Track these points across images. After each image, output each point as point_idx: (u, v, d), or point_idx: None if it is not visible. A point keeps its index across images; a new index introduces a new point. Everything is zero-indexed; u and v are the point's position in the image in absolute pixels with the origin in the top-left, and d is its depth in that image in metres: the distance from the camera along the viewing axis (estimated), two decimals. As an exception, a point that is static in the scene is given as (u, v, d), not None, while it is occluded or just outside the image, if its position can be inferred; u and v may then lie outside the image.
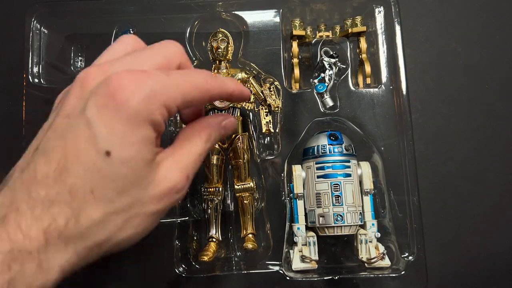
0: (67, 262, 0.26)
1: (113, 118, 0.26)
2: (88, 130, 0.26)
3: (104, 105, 0.26)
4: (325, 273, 0.45)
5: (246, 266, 0.46)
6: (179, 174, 0.30)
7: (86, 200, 0.26)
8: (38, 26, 0.50)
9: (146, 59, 0.30)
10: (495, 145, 0.53)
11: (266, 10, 0.51)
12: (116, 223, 0.27)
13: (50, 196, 0.25)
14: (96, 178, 0.26)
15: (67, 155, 0.26)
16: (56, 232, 0.25)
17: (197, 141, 0.32)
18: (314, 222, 0.44)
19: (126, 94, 0.26)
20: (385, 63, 0.50)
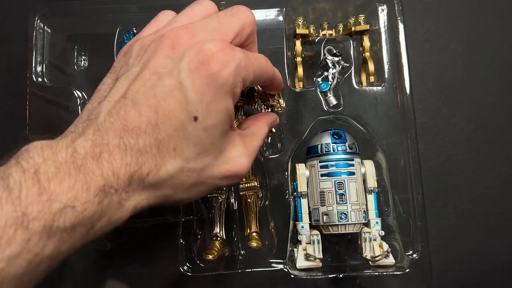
0: (139, 204, 0.29)
1: (204, 85, 0.28)
2: (180, 93, 0.28)
3: (198, 71, 0.28)
4: (329, 271, 0.45)
5: (250, 265, 0.47)
6: (247, 161, 0.33)
7: (169, 156, 0.29)
8: (41, 25, 0.50)
9: (228, 27, 0.33)
10: (495, 145, 0.53)
11: (269, 9, 0.51)
12: (185, 183, 0.30)
13: (140, 146, 0.28)
14: (181, 138, 0.29)
15: (158, 113, 0.28)
16: (139, 178, 0.28)
17: (259, 135, 0.36)
18: (318, 220, 0.44)
19: (220, 64, 0.29)
20: (388, 61, 0.50)
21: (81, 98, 0.50)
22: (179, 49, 0.30)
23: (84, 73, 0.51)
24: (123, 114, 0.28)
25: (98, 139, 0.27)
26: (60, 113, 0.50)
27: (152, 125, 0.28)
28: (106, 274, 0.47)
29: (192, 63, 0.29)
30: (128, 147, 0.28)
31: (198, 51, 0.29)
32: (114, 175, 0.27)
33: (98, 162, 0.26)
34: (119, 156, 0.27)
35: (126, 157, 0.27)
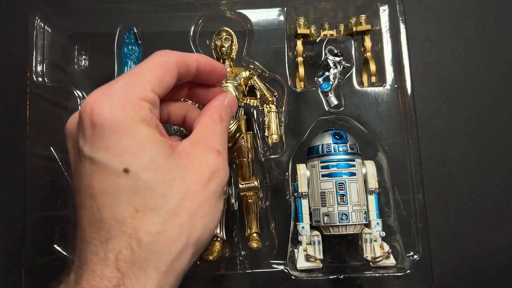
0: (156, 285, 0.25)
1: (106, 141, 0.26)
2: (96, 165, 0.26)
3: (92, 136, 0.26)
4: (329, 272, 0.45)
5: (250, 265, 0.46)
6: (214, 154, 0.30)
7: (136, 220, 0.26)
8: (42, 24, 0.50)
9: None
10: (495, 145, 0.53)
11: (270, 9, 0.51)
12: (181, 225, 0.27)
13: (104, 235, 0.25)
14: (131, 197, 0.26)
15: (95, 195, 0.26)
16: (127, 262, 0.25)
17: (211, 124, 0.32)
18: (319, 221, 0.44)
19: (99, 113, 0.26)
20: (389, 62, 0.49)
21: (81, 98, 0.50)
22: (72, 133, 0.30)
23: (85, 73, 0.51)
24: (79, 222, 0.28)
25: (76, 261, 0.27)
26: (60, 112, 0.50)
27: (97, 210, 0.26)
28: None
29: (84, 135, 0.27)
30: (97, 244, 0.26)
31: (81, 120, 0.27)
32: (101, 278, 0.25)
33: (81, 279, 0.25)
34: (95, 258, 0.25)
35: (99, 254, 0.25)
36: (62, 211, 0.48)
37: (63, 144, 0.48)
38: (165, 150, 0.27)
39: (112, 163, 0.26)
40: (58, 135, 0.49)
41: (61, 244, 0.47)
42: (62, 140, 0.49)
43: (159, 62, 0.30)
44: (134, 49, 0.50)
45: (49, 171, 0.48)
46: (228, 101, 0.35)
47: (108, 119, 0.26)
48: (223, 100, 0.35)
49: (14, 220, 0.50)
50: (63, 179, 0.48)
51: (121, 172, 0.26)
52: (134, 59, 0.50)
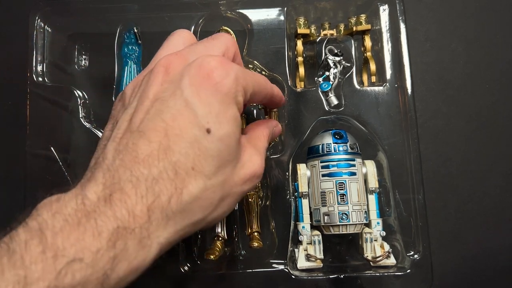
0: (166, 239, 0.27)
1: (210, 97, 0.29)
2: (188, 109, 0.28)
3: (201, 85, 0.29)
4: (330, 272, 0.45)
5: (251, 265, 0.46)
6: (260, 159, 0.33)
7: (189, 176, 0.27)
8: (42, 24, 0.50)
9: (214, 48, 0.33)
10: (495, 145, 0.53)
11: (270, 9, 0.51)
12: (212, 201, 0.29)
13: (154, 174, 0.26)
14: (197, 154, 0.28)
15: (169, 134, 0.27)
16: (159, 209, 0.26)
17: (263, 138, 0.36)
18: (319, 220, 0.44)
19: (220, 74, 0.29)
20: (389, 61, 0.50)
21: (82, 98, 0.50)
22: (175, 72, 0.30)
23: (85, 73, 0.51)
24: (131, 147, 0.27)
25: (108, 180, 0.26)
26: (60, 112, 0.50)
27: (164, 149, 0.27)
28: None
29: (194, 79, 0.29)
30: (141, 178, 0.26)
31: (198, 67, 0.29)
32: (129, 213, 0.25)
33: (110, 204, 0.25)
34: (132, 191, 0.26)
35: (139, 189, 0.26)
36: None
37: (64, 144, 0.49)
38: (238, 134, 0.31)
39: (202, 117, 0.28)
40: (58, 134, 0.49)
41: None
42: (63, 140, 0.50)
43: (262, 81, 0.35)
44: (134, 49, 0.50)
45: (49, 171, 0.48)
46: (277, 128, 0.40)
47: (222, 82, 0.29)
48: (275, 125, 0.40)
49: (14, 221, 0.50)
50: (63, 179, 0.48)
51: (203, 129, 0.28)
52: (134, 59, 0.50)
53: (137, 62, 0.50)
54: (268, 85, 0.36)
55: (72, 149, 0.49)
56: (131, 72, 0.49)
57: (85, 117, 0.49)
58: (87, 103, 0.50)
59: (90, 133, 0.49)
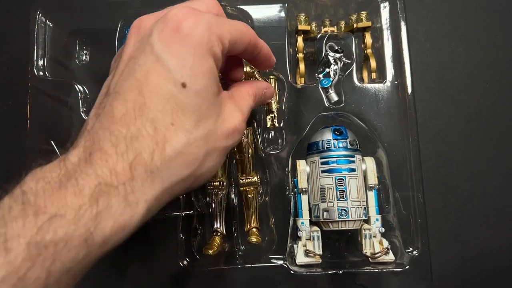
0: (154, 197, 0.26)
1: (181, 50, 0.28)
2: (160, 65, 0.27)
3: (171, 38, 0.28)
4: (329, 268, 0.45)
5: (250, 260, 0.47)
6: (241, 116, 0.32)
7: (169, 132, 0.27)
8: (43, 19, 0.50)
9: (191, 5, 0.31)
10: (495, 145, 0.53)
11: (271, 5, 0.51)
12: (197, 156, 0.29)
13: (133, 132, 0.26)
14: (175, 109, 0.27)
15: (143, 92, 0.27)
16: (142, 166, 0.26)
17: (247, 96, 0.35)
18: (318, 216, 0.44)
19: (190, 25, 0.28)
20: (390, 58, 0.50)
21: (82, 93, 0.50)
22: (145, 29, 0.30)
23: (86, 68, 0.51)
24: (108, 108, 0.27)
25: (88, 141, 0.26)
26: (61, 107, 0.50)
27: (139, 106, 0.27)
28: (105, 268, 0.47)
29: (163, 33, 0.28)
30: (120, 137, 0.26)
31: (166, 20, 0.28)
32: (110, 171, 0.25)
33: (90, 163, 0.25)
34: (112, 149, 0.25)
35: (119, 148, 0.26)
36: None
37: (64, 138, 0.49)
38: (216, 87, 0.30)
39: (175, 72, 0.27)
40: (59, 129, 0.49)
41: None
42: (63, 134, 0.50)
43: (242, 27, 0.33)
44: (135, 44, 0.50)
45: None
46: (267, 90, 0.39)
47: (192, 34, 0.28)
48: (266, 87, 0.38)
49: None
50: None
51: (178, 84, 0.27)
52: (135, 54, 0.50)
53: (138, 58, 0.50)
54: (250, 32, 0.34)
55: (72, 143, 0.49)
56: (132, 67, 0.49)
57: (85, 112, 0.49)
58: (88, 97, 0.50)
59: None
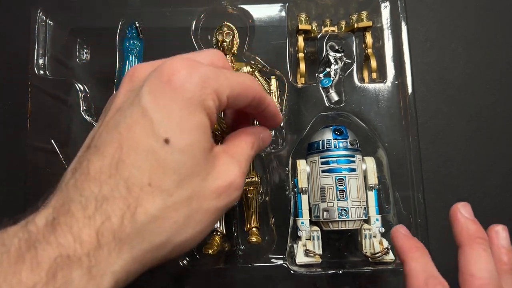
0: (121, 268, 0.23)
1: (169, 103, 0.25)
2: (143, 118, 0.25)
3: (159, 90, 0.26)
4: (328, 268, 0.45)
5: (250, 260, 0.47)
6: (238, 170, 0.29)
7: (144, 193, 0.24)
8: (43, 18, 0.50)
9: (193, 57, 0.29)
10: (495, 145, 0.53)
11: (272, 4, 0.51)
12: (176, 220, 0.25)
13: (104, 192, 0.23)
14: (154, 168, 0.24)
15: (122, 147, 0.24)
16: (110, 232, 0.23)
17: (244, 145, 0.31)
18: (318, 216, 0.44)
19: (182, 78, 0.26)
20: (390, 58, 0.50)
21: (82, 91, 0.50)
22: (139, 79, 0.28)
23: (86, 67, 0.51)
24: (85, 163, 0.25)
25: (58, 203, 0.24)
26: (61, 106, 0.50)
27: (115, 163, 0.24)
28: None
29: (154, 84, 0.26)
30: (91, 198, 0.23)
31: (159, 71, 0.26)
32: (75, 239, 0.22)
33: (54, 229, 0.22)
34: (80, 212, 0.23)
35: (87, 210, 0.23)
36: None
37: (64, 137, 0.49)
38: (206, 143, 0.27)
39: (159, 126, 0.25)
40: (59, 128, 0.49)
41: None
42: (63, 133, 0.50)
43: (247, 80, 0.30)
44: (136, 44, 0.50)
45: (50, 164, 0.48)
46: (263, 135, 0.34)
47: (183, 86, 0.26)
48: (261, 132, 0.34)
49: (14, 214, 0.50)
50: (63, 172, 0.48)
51: (161, 139, 0.25)
52: (135, 54, 0.50)
53: (139, 57, 0.50)
54: (256, 87, 0.31)
55: (72, 142, 0.49)
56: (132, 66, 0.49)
57: (86, 111, 0.49)
58: (88, 97, 0.50)
59: (91, 126, 0.49)
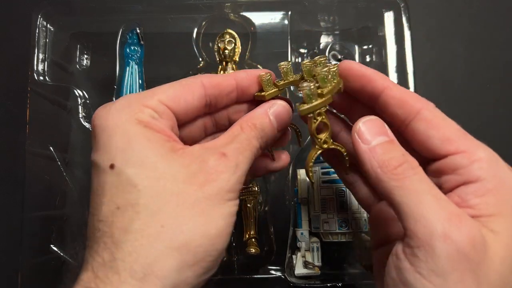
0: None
1: (101, 140, 0.26)
2: (93, 168, 0.26)
3: (93, 139, 0.27)
4: (328, 280, 0.44)
5: (248, 271, 0.46)
6: (211, 156, 0.26)
7: (114, 217, 0.24)
8: (44, 23, 0.50)
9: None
10: (495, 145, 0.52)
11: (274, 12, 0.50)
12: (163, 223, 0.24)
13: (92, 241, 0.25)
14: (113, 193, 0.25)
15: (91, 197, 0.26)
16: (102, 265, 0.23)
17: (237, 131, 0.28)
18: (318, 227, 0.43)
19: (100, 114, 0.26)
20: (393, 68, 0.49)
21: (82, 98, 0.50)
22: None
23: (86, 72, 0.51)
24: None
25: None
26: (60, 111, 0.50)
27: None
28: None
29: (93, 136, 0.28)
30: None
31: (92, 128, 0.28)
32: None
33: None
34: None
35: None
36: (59, 211, 0.48)
37: (63, 143, 0.49)
38: (159, 148, 0.25)
39: (101, 161, 0.25)
40: (58, 134, 0.49)
41: (58, 244, 0.47)
42: (62, 139, 0.49)
43: (182, 81, 0.29)
44: (137, 50, 0.50)
45: (48, 170, 0.48)
46: (274, 109, 0.30)
47: (104, 121, 0.26)
48: (267, 107, 0.30)
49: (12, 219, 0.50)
50: (61, 179, 0.48)
51: (107, 169, 0.25)
52: (136, 60, 0.49)
53: (139, 63, 0.49)
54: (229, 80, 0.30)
55: (70, 148, 0.49)
56: (133, 73, 0.49)
57: (85, 117, 0.49)
58: (88, 103, 0.49)
59: (89, 132, 0.48)
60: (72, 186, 0.48)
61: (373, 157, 0.26)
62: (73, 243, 0.48)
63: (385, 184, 0.25)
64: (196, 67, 0.50)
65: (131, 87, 0.48)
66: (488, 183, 0.25)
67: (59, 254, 0.47)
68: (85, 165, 0.49)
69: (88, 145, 0.48)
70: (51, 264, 0.47)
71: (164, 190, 0.25)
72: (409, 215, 0.23)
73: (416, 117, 0.28)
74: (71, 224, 0.48)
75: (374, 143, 0.26)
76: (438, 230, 0.22)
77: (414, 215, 0.23)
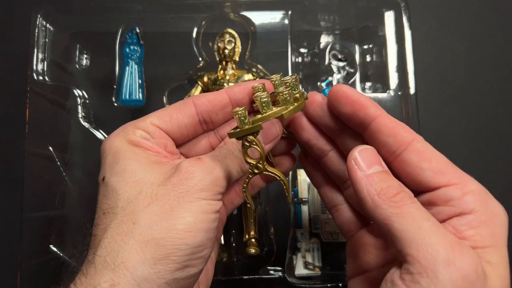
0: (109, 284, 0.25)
1: (102, 162, 0.30)
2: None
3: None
4: (328, 280, 0.44)
5: (248, 271, 0.46)
6: (187, 161, 0.28)
7: (99, 220, 0.27)
8: (44, 23, 0.49)
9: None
10: (496, 145, 0.52)
11: (274, 12, 0.50)
12: (134, 220, 0.26)
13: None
14: (102, 202, 0.28)
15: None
16: (88, 264, 0.26)
17: (222, 144, 0.32)
18: (318, 228, 0.43)
19: (104, 142, 0.30)
20: (394, 68, 0.49)
21: (82, 97, 0.49)
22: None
23: (85, 72, 0.51)
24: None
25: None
26: (59, 111, 0.49)
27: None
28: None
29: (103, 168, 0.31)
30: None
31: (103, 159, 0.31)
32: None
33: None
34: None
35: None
36: (59, 211, 0.48)
37: (62, 143, 0.49)
38: (142, 160, 0.28)
39: (99, 176, 0.29)
40: (57, 134, 0.49)
41: (58, 245, 0.47)
42: (61, 139, 0.49)
43: (176, 103, 0.32)
44: (136, 49, 0.50)
45: (48, 171, 0.48)
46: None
47: (104, 145, 0.30)
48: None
49: (11, 219, 0.50)
50: (61, 179, 0.48)
51: (101, 181, 0.28)
52: (135, 59, 0.49)
53: (139, 63, 0.49)
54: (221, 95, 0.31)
55: (70, 148, 0.49)
56: (132, 73, 0.49)
57: (84, 117, 0.49)
58: (87, 103, 0.49)
59: (88, 132, 0.49)
60: (71, 186, 0.48)
61: (370, 184, 0.26)
62: (72, 243, 0.48)
63: (383, 211, 0.25)
64: (196, 66, 0.50)
65: (131, 87, 0.48)
66: (481, 215, 0.25)
67: (59, 254, 0.47)
68: (84, 165, 0.49)
69: (87, 145, 0.48)
70: (50, 265, 0.47)
71: (140, 193, 0.27)
72: (410, 240, 0.23)
73: (408, 148, 0.28)
74: (70, 224, 0.48)
75: (370, 171, 0.26)
76: (442, 256, 0.22)
77: (416, 241, 0.23)
